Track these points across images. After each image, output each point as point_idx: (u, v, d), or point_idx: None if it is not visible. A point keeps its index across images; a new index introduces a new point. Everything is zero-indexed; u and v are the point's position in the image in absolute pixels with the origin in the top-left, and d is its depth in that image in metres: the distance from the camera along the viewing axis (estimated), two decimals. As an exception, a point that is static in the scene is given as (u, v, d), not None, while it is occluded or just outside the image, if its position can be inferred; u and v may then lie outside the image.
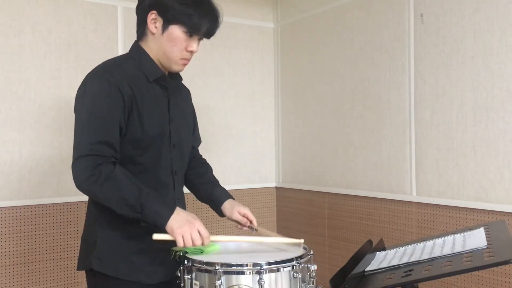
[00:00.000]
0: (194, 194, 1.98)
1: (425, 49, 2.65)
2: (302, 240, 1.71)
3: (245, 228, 1.91)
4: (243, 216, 1.87)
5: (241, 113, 3.57)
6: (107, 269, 1.65)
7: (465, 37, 2.46)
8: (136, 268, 1.66)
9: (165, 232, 1.55)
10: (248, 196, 3.62)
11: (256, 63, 3.64)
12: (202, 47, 1.84)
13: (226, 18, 1.74)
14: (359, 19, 3.03)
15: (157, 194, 1.61)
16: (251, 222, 1.87)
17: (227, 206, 1.89)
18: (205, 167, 2.03)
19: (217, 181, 2.00)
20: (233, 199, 1.93)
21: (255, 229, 1.89)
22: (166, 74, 1.75)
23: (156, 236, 1.54)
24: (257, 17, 3.65)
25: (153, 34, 1.68)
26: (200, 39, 1.71)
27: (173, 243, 1.58)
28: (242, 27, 3.55)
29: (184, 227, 1.53)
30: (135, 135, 1.63)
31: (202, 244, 1.57)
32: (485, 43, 2.38)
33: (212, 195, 1.93)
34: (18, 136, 2.76)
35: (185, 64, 1.73)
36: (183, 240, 1.53)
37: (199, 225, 1.56)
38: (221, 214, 1.91)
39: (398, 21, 2.79)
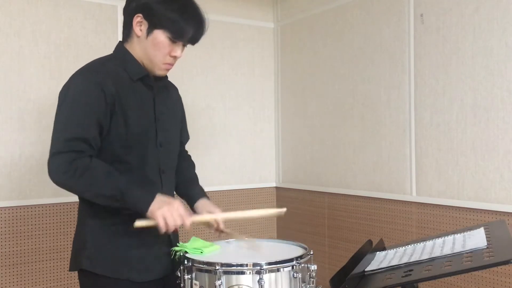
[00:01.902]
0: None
1: (425, 49, 2.65)
2: (284, 209, 1.71)
3: (212, 231, 1.83)
4: None
5: (241, 113, 3.57)
6: (97, 268, 1.65)
7: (465, 37, 2.46)
8: (127, 267, 1.67)
9: (146, 217, 1.56)
10: (248, 196, 3.62)
11: (256, 63, 3.64)
12: (202, 47, 1.84)
13: (226, 18, 1.75)
14: (359, 19, 3.03)
15: (135, 180, 1.61)
16: (218, 225, 1.80)
17: (199, 205, 1.88)
18: (187, 163, 2.03)
19: (196, 178, 2.01)
20: (208, 198, 1.91)
21: (222, 231, 1.81)
22: (150, 73, 1.76)
23: (138, 224, 1.55)
24: (257, 17, 3.65)
25: (138, 36, 1.69)
26: (184, 45, 1.71)
27: (167, 243, 1.59)
28: (242, 27, 3.55)
29: (163, 209, 1.55)
30: (120, 134, 1.64)
31: (184, 224, 1.57)
32: (485, 43, 2.38)
33: (188, 191, 1.94)
34: (18, 136, 2.76)
35: (168, 69, 1.74)
36: (165, 221, 1.54)
37: (178, 205, 1.58)
38: (194, 211, 1.91)
39: (398, 21, 2.79)
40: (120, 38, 1.80)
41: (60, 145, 1.57)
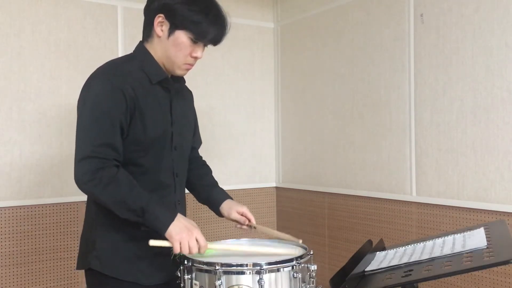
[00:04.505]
0: (193, 195, 1.99)
1: (425, 49, 2.65)
2: (300, 240, 1.71)
3: (244, 227, 1.91)
4: (241, 215, 1.88)
5: (241, 113, 3.57)
6: (105, 269, 1.65)
7: (465, 37, 2.46)
8: (135, 269, 1.67)
9: (163, 237, 1.56)
10: (248, 196, 3.62)
11: (256, 63, 3.64)
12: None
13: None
14: (359, 19, 3.03)
15: (158, 199, 1.61)
16: (249, 220, 1.88)
17: (225, 206, 1.90)
18: (205, 169, 2.04)
19: (216, 182, 2.01)
20: (232, 199, 1.94)
21: (254, 227, 1.90)
22: (169, 76, 1.75)
23: (153, 243, 1.54)
24: (257, 17, 3.65)
25: (158, 37, 1.68)
26: (205, 45, 1.71)
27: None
28: (242, 27, 3.55)
29: (182, 234, 1.54)
30: (137, 136, 1.63)
31: (199, 251, 1.57)
32: (485, 43, 2.38)
33: (211, 196, 1.94)
34: (18, 136, 2.76)
35: (188, 69, 1.73)
36: (180, 247, 1.54)
37: (197, 233, 1.57)
38: (219, 214, 1.92)
39: (398, 21, 2.79)
40: (120, 38, 1.80)
41: (87, 150, 1.55)
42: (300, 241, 1.71)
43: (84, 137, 1.58)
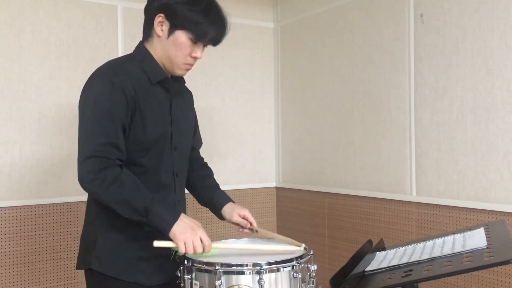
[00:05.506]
0: (194, 196, 1.98)
1: (425, 49, 2.65)
2: (303, 245, 1.70)
3: (245, 230, 1.91)
4: (243, 218, 1.88)
5: (241, 113, 3.57)
6: (106, 269, 1.65)
7: (465, 37, 2.46)
8: (135, 269, 1.66)
9: (167, 237, 1.55)
10: (248, 196, 3.61)
11: (256, 63, 3.64)
12: (202, 47, 1.84)
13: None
14: (359, 19, 3.03)
15: (160, 198, 1.61)
16: (251, 224, 1.88)
17: (227, 209, 1.90)
18: (207, 171, 2.04)
19: (217, 184, 2.01)
20: (233, 202, 1.93)
21: (256, 231, 1.89)
22: (169, 76, 1.75)
23: (157, 244, 1.54)
24: (257, 17, 3.65)
25: (158, 36, 1.68)
26: (205, 45, 1.71)
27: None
28: (242, 27, 3.55)
29: (186, 234, 1.54)
30: (137, 136, 1.63)
31: (203, 251, 1.57)
32: (485, 43, 2.38)
33: (212, 198, 1.93)
34: (18, 136, 2.76)
35: (187, 69, 1.73)
36: (185, 247, 1.54)
37: (201, 233, 1.57)
38: (221, 217, 1.92)
39: (398, 21, 2.79)
40: (120, 38, 1.79)
41: (90, 150, 1.55)
42: (303, 246, 1.71)
43: (86, 136, 1.58)
